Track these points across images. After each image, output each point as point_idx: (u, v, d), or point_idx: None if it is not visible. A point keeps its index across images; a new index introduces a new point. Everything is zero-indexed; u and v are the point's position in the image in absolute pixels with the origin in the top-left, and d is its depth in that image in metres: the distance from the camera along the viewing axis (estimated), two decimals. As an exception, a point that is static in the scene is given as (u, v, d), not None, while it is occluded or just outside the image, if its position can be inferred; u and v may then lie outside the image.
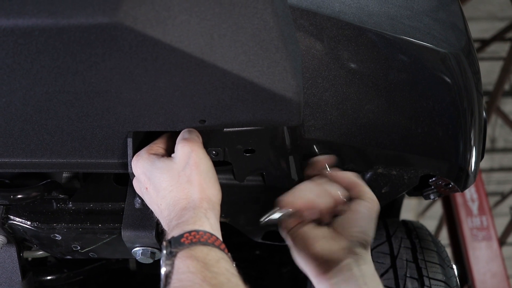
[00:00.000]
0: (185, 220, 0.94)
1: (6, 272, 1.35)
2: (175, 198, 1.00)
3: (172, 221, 0.97)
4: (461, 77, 1.21)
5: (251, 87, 0.90)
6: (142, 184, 1.07)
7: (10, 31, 0.78)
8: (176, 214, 0.97)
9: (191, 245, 0.88)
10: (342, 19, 1.11)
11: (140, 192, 1.11)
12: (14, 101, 0.95)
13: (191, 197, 0.99)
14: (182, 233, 0.90)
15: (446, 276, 1.43)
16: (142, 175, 1.05)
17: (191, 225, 0.92)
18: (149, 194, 1.05)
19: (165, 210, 1.01)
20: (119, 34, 0.78)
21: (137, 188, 1.12)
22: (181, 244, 0.88)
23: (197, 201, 0.99)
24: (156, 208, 1.05)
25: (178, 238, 0.89)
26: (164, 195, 1.01)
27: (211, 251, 0.88)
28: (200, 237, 0.90)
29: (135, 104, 0.95)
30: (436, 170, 1.30)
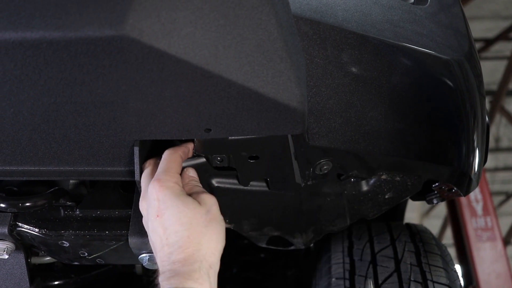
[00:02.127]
0: (187, 271, 0.93)
1: (14, 278, 1.36)
2: (187, 241, 0.97)
3: (173, 264, 0.95)
4: (464, 83, 1.22)
5: (255, 97, 0.91)
6: (152, 210, 1.02)
7: (18, 44, 0.80)
8: (180, 257, 0.95)
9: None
10: (345, 28, 1.12)
11: (145, 215, 1.07)
12: (22, 111, 0.96)
13: (202, 247, 0.98)
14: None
15: (450, 279, 1.43)
16: (159, 202, 1.02)
17: (191, 281, 0.91)
18: (157, 223, 1.01)
19: (169, 248, 0.98)
20: (126, 46, 0.79)
21: (144, 210, 1.08)
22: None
23: (207, 254, 0.98)
24: (157, 239, 1.01)
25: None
26: (176, 231, 0.98)
27: None
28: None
29: (142, 114, 0.96)
30: (439, 176, 1.31)
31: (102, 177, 1.16)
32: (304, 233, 1.47)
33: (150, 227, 1.04)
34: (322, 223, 1.45)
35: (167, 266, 0.95)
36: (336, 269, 1.52)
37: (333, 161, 1.26)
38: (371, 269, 1.47)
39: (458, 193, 1.37)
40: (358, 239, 1.60)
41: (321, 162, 1.25)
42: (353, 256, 1.54)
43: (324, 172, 1.28)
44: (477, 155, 1.31)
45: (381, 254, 1.51)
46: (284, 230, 1.44)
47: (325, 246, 1.68)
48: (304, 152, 1.21)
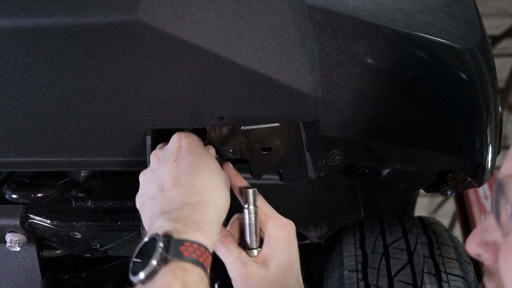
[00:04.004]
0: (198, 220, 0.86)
1: (26, 271, 1.36)
2: (204, 187, 0.92)
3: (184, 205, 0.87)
4: (477, 72, 1.21)
5: (269, 83, 0.90)
6: (169, 156, 0.97)
7: (30, 31, 0.80)
8: (194, 200, 0.89)
9: (187, 261, 0.79)
10: (357, 17, 1.11)
11: (156, 161, 1.00)
12: (34, 100, 0.96)
13: (219, 199, 0.93)
14: (184, 239, 0.81)
15: (463, 271, 1.42)
16: (180, 148, 0.97)
17: (199, 233, 0.84)
18: (173, 166, 0.95)
19: (181, 188, 0.91)
20: (138, 31, 0.79)
21: (156, 159, 1.01)
22: (177, 254, 0.79)
23: (221, 209, 0.93)
24: (167, 180, 0.93)
25: (177, 244, 0.80)
26: (194, 174, 0.92)
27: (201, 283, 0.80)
28: (200, 255, 0.81)
29: (154, 102, 0.95)
30: (452, 166, 1.30)
31: (114, 168, 1.16)
32: (319, 226, 1.46)
33: (159, 172, 0.96)
34: (336, 216, 1.45)
35: (173, 206, 0.88)
36: (349, 261, 1.51)
37: (345, 151, 1.25)
38: (383, 261, 1.46)
39: (472, 184, 1.36)
40: (370, 231, 1.59)
41: (333, 153, 1.25)
42: (365, 249, 1.53)
43: (337, 163, 1.27)
44: (491, 145, 1.30)
45: (393, 246, 1.49)
46: (299, 224, 1.43)
47: (337, 239, 1.68)
48: (316, 143, 1.20)
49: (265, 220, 1.05)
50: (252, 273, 0.98)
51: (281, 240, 1.02)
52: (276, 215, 1.06)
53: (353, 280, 1.44)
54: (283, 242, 1.02)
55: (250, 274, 0.98)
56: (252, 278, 0.98)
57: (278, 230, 1.03)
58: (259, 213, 1.05)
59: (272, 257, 1.01)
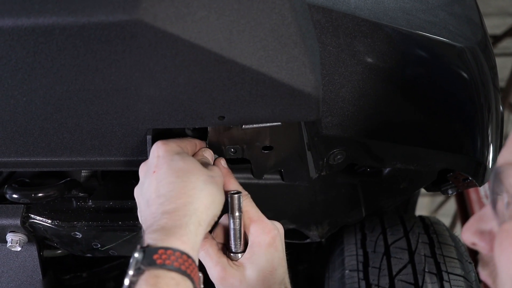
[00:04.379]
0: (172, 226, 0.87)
1: (27, 271, 1.36)
2: (180, 192, 0.92)
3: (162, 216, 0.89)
4: (478, 71, 1.21)
5: (270, 82, 0.90)
6: (150, 168, 0.98)
7: (31, 30, 0.79)
8: (170, 208, 0.90)
9: (160, 268, 0.80)
10: (358, 16, 1.11)
11: (143, 175, 1.01)
12: (34, 100, 0.96)
13: (195, 200, 0.93)
14: (157, 247, 0.82)
15: (465, 270, 1.42)
16: (158, 158, 0.98)
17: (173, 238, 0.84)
18: (153, 178, 0.96)
19: (159, 198, 0.92)
20: (139, 31, 0.79)
21: (142, 172, 1.02)
22: (151, 263, 0.80)
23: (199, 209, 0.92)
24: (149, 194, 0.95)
25: (151, 252, 0.81)
26: (170, 182, 0.93)
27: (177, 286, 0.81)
28: (175, 260, 0.82)
29: (155, 101, 0.95)
30: (454, 165, 1.30)
31: (115, 167, 1.16)
32: (320, 226, 1.46)
33: (145, 185, 0.98)
34: (337, 215, 1.45)
35: (156, 218, 0.89)
36: (350, 261, 1.51)
37: (346, 150, 1.25)
38: (385, 260, 1.46)
39: (473, 183, 1.36)
40: (371, 231, 1.59)
41: (335, 152, 1.25)
42: (366, 248, 1.53)
43: (338, 162, 1.27)
44: (492, 143, 1.30)
45: (394, 246, 1.49)
46: (300, 223, 1.43)
47: (338, 239, 1.68)
48: (318, 142, 1.20)
49: (249, 224, 1.05)
50: (231, 278, 0.99)
51: (264, 246, 1.02)
52: (261, 219, 1.06)
53: (354, 279, 1.44)
54: (265, 247, 1.02)
55: (229, 279, 0.99)
56: (232, 282, 0.99)
57: (262, 235, 1.03)
58: (244, 217, 1.05)
59: (252, 262, 1.01)
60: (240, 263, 1.02)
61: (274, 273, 1.02)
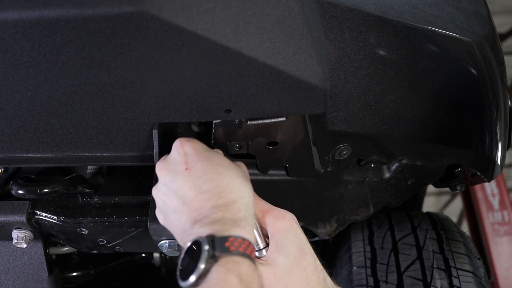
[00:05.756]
0: (233, 218, 0.88)
1: (33, 268, 1.35)
2: (227, 187, 0.92)
3: (213, 210, 0.89)
4: (485, 65, 1.19)
5: (276, 75, 0.89)
6: (178, 166, 0.97)
7: (35, 23, 0.79)
8: (221, 203, 0.90)
9: (236, 255, 0.81)
10: (364, 10, 1.10)
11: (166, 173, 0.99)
12: (39, 95, 0.95)
13: (244, 195, 0.94)
14: (227, 235, 0.83)
15: (473, 266, 1.41)
16: (186, 155, 0.97)
17: (239, 229, 0.86)
18: (186, 176, 0.94)
19: (204, 194, 0.91)
20: (145, 23, 0.78)
21: (164, 171, 1.00)
22: (225, 250, 0.81)
23: (249, 204, 0.94)
24: (187, 192, 0.93)
25: (222, 241, 0.82)
26: (212, 178, 0.93)
27: (254, 272, 0.83)
28: (246, 247, 0.84)
29: (160, 95, 0.94)
30: (461, 160, 1.29)
31: (121, 163, 1.15)
32: (328, 223, 1.45)
33: (174, 185, 0.96)
34: (345, 212, 1.44)
35: (203, 213, 0.89)
36: (357, 257, 1.50)
37: (352, 146, 1.24)
38: (392, 257, 1.45)
39: (481, 178, 1.34)
40: (378, 227, 1.58)
41: (340, 147, 1.24)
42: (374, 245, 1.52)
43: (344, 157, 1.26)
44: (501, 140, 1.28)
45: (402, 242, 1.48)
46: (307, 220, 1.42)
47: (345, 236, 1.67)
48: (323, 137, 1.19)
49: (262, 216, 1.04)
50: (265, 275, 0.97)
51: (284, 231, 1.01)
52: (272, 208, 1.05)
53: (362, 276, 1.43)
54: (286, 232, 1.01)
55: (264, 276, 0.97)
56: (267, 278, 0.97)
57: (279, 222, 1.02)
58: (256, 211, 1.04)
59: (279, 251, 1.00)
60: (268, 257, 1.01)
61: (303, 255, 1.01)
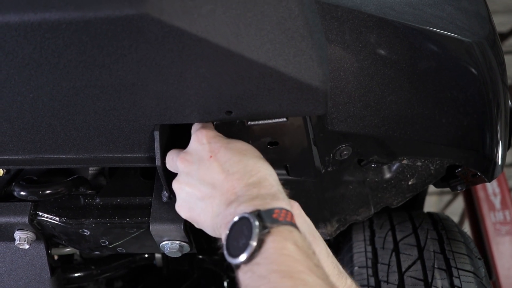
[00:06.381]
0: (270, 193, 0.88)
1: (35, 269, 1.36)
2: (255, 166, 0.94)
3: (247, 188, 0.89)
4: (486, 65, 1.20)
5: (277, 76, 0.89)
6: (203, 153, 0.98)
7: (37, 25, 0.79)
8: (253, 180, 0.91)
9: (286, 224, 0.81)
10: (364, 11, 1.10)
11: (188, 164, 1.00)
12: (41, 97, 0.95)
13: (272, 172, 0.95)
14: (271, 208, 0.83)
15: (474, 266, 1.41)
16: (210, 143, 0.98)
17: (279, 201, 0.86)
18: (212, 162, 0.96)
19: (234, 175, 0.92)
20: (146, 25, 0.78)
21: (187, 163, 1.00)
22: (274, 221, 0.81)
23: (277, 180, 0.94)
24: (215, 177, 0.94)
25: (269, 213, 0.82)
26: (239, 160, 0.94)
27: (305, 239, 0.82)
28: (291, 217, 0.84)
29: (162, 97, 0.95)
30: (462, 160, 1.29)
31: (122, 164, 1.15)
32: (329, 223, 1.45)
33: (201, 173, 0.97)
34: (346, 212, 1.44)
35: (237, 192, 0.90)
36: (358, 258, 1.50)
37: (353, 146, 1.24)
38: (394, 257, 1.45)
39: (482, 178, 1.35)
40: (379, 228, 1.59)
41: (341, 148, 1.24)
42: (375, 245, 1.52)
43: (344, 157, 1.27)
44: (501, 139, 1.29)
45: (403, 242, 1.49)
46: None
47: (346, 236, 1.67)
48: (324, 138, 1.20)
49: None
50: None
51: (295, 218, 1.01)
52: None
53: (363, 276, 1.44)
54: (297, 219, 1.00)
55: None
56: None
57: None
58: None
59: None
60: None
61: (315, 241, 1.02)
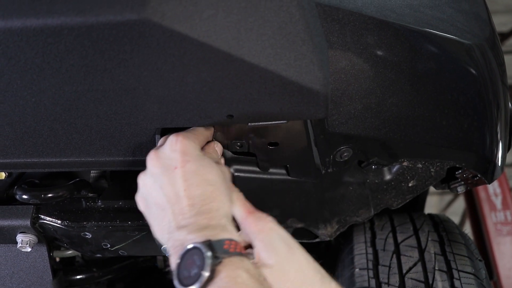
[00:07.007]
0: (219, 224, 0.90)
1: (37, 272, 1.36)
2: (211, 195, 0.94)
3: (197, 216, 0.90)
4: (486, 67, 1.20)
5: (278, 80, 0.90)
6: (170, 162, 0.96)
7: (39, 31, 0.80)
8: (205, 209, 0.91)
9: (236, 255, 0.84)
10: (365, 13, 1.10)
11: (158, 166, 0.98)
12: (43, 101, 0.96)
13: (225, 204, 0.95)
14: (222, 239, 0.85)
15: (475, 268, 1.41)
16: (181, 153, 0.96)
17: (227, 233, 0.88)
18: (177, 175, 0.95)
19: (189, 200, 0.92)
20: (147, 30, 0.79)
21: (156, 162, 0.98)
22: (225, 252, 0.83)
23: (228, 212, 0.95)
24: (171, 192, 0.94)
25: (220, 244, 0.84)
26: (198, 183, 0.94)
27: (256, 267, 0.86)
28: (240, 248, 0.86)
29: (163, 101, 0.95)
30: (462, 162, 1.30)
31: (124, 167, 1.16)
32: (329, 224, 1.45)
33: (161, 180, 0.96)
34: (346, 214, 1.44)
35: (188, 219, 0.90)
36: (359, 259, 1.50)
37: (353, 148, 1.25)
38: (394, 259, 1.45)
39: (482, 180, 1.35)
40: (380, 229, 1.59)
41: (341, 149, 1.25)
42: (376, 247, 1.52)
43: (345, 159, 1.27)
44: (501, 141, 1.29)
45: (404, 244, 1.49)
46: (308, 221, 1.43)
47: (347, 238, 1.67)
48: (324, 139, 1.20)
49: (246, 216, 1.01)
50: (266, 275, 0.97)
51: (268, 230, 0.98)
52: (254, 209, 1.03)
53: (364, 278, 1.44)
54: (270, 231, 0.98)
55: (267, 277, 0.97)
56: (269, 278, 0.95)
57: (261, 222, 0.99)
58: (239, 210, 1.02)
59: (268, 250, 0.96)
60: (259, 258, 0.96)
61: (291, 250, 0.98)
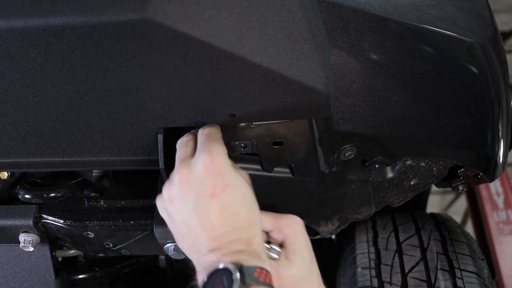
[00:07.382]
0: (255, 251, 0.89)
1: (40, 271, 1.37)
2: (249, 222, 0.92)
3: (233, 243, 0.88)
4: (488, 66, 1.20)
5: (280, 80, 0.90)
6: (205, 188, 0.90)
7: (41, 30, 0.80)
8: (243, 237, 0.90)
9: (265, 285, 0.83)
10: (368, 11, 1.10)
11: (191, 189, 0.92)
12: (45, 101, 0.96)
13: (259, 232, 0.94)
14: (254, 266, 0.84)
15: (477, 267, 1.41)
16: (216, 177, 0.90)
17: (261, 261, 0.87)
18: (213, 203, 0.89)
19: (226, 227, 0.90)
20: (149, 30, 0.79)
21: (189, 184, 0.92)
22: (255, 280, 0.83)
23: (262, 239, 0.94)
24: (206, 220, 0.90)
25: (251, 270, 0.83)
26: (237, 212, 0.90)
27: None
28: (270, 279, 0.85)
29: (165, 100, 0.95)
30: (464, 161, 1.29)
31: (126, 167, 1.16)
32: (330, 221, 1.45)
33: (196, 206, 0.90)
34: (347, 211, 1.44)
35: (226, 245, 0.88)
36: (361, 259, 1.50)
37: (357, 146, 1.24)
38: (397, 258, 1.45)
39: (484, 179, 1.35)
40: (382, 229, 1.59)
41: (346, 148, 1.24)
42: (378, 246, 1.52)
43: (349, 158, 1.27)
44: (503, 139, 1.29)
45: (406, 243, 1.49)
46: (310, 218, 1.43)
47: (349, 237, 1.67)
48: (329, 138, 1.20)
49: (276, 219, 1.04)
50: (284, 276, 0.98)
51: (299, 234, 1.02)
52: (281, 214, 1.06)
53: (366, 277, 1.44)
54: (300, 235, 1.02)
55: (283, 277, 0.98)
56: (286, 279, 0.98)
57: (293, 225, 1.03)
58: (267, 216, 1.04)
59: (296, 253, 1.00)
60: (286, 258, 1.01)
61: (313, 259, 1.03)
